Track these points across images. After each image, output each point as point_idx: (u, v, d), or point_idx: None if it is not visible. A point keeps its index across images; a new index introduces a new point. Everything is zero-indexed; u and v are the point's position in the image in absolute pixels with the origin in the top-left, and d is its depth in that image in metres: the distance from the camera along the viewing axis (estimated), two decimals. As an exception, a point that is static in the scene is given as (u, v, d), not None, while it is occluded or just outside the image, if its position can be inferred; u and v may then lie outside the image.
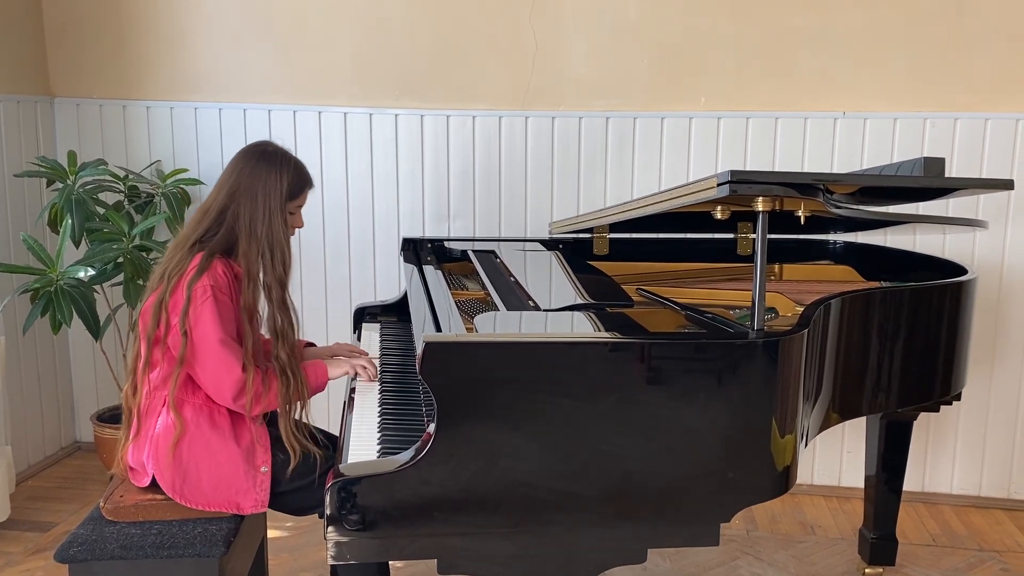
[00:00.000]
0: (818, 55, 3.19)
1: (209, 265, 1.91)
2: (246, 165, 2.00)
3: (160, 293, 1.92)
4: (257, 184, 1.98)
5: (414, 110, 3.38)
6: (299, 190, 2.04)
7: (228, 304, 1.93)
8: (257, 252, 1.96)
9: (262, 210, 1.96)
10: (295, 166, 2.04)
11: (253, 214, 1.96)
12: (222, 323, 1.89)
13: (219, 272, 1.92)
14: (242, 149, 2.06)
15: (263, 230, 1.96)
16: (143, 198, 3.33)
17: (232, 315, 1.93)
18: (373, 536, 1.57)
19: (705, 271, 2.81)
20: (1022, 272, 3.18)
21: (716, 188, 1.71)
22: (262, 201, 1.97)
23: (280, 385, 1.93)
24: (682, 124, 3.27)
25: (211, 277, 1.90)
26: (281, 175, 1.99)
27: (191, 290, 1.88)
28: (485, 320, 1.89)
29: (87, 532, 1.89)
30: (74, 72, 3.55)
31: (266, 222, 1.96)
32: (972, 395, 3.22)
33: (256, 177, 1.98)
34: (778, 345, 1.65)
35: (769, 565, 2.84)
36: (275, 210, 1.97)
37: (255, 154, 2.02)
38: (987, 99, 3.13)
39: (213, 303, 1.88)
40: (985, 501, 3.33)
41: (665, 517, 1.65)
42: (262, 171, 1.99)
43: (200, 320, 1.88)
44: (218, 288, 1.90)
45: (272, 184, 1.98)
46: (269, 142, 2.07)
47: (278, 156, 2.02)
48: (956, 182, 2.27)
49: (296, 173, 2.03)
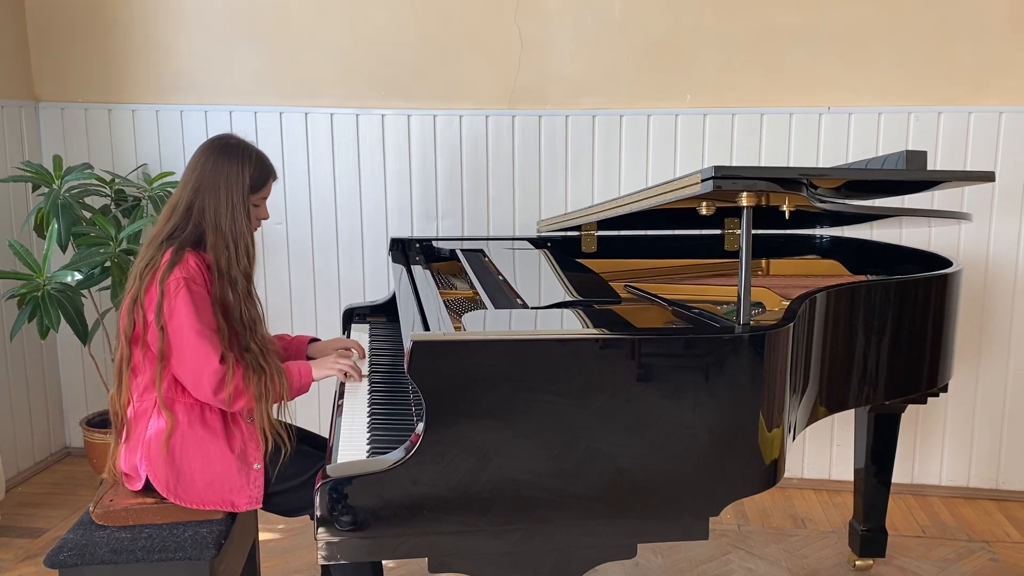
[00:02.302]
0: (803, 51, 3.20)
1: (180, 258, 1.91)
2: (208, 159, 1.99)
3: (134, 292, 1.92)
4: (219, 177, 1.97)
5: (401, 110, 3.38)
6: (262, 182, 2.03)
7: (203, 295, 1.92)
8: (223, 245, 1.95)
9: (225, 203, 1.96)
10: (257, 158, 2.03)
11: (217, 208, 1.96)
12: (197, 313, 1.88)
13: (191, 264, 1.92)
14: (204, 143, 2.04)
15: (227, 223, 1.96)
16: (130, 202, 3.31)
17: (208, 305, 1.93)
18: (364, 536, 1.58)
19: (692, 267, 2.82)
20: (1006, 264, 3.21)
21: (700, 184, 1.71)
22: (225, 194, 1.96)
23: (253, 375, 1.92)
24: (668, 121, 3.28)
25: (183, 269, 1.90)
26: (243, 168, 1.99)
27: (164, 284, 1.88)
28: (474, 318, 1.89)
29: (77, 537, 1.89)
30: (58, 76, 3.54)
31: (229, 215, 1.96)
32: (959, 387, 3.25)
33: (218, 171, 1.97)
34: (764, 339, 1.66)
35: (761, 559, 2.85)
36: (238, 203, 1.97)
37: (217, 147, 2.01)
38: (970, 93, 3.15)
39: (187, 293, 1.88)
40: (973, 492, 3.35)
41: (654, 512, 1.66)
42: (224, 164, 1.98)
43: (175, 312, 1.87)
44: (191, 279, 1.90)
45: (234, 177, 1.97)
46: (231, 135, 2.06)
47: (240, 148, 2.01)
48: (938, 175, 2.29)
49: (258, 165, 2.02)
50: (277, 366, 1.99)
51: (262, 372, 1.94)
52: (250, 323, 1.98)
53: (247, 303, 1.99)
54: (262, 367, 1.94)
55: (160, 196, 3.25)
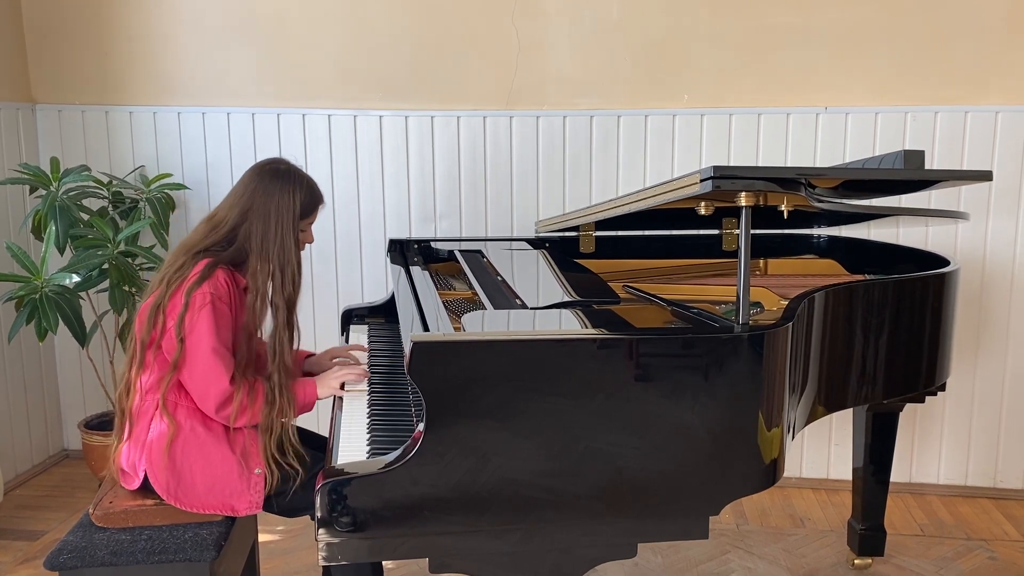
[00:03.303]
0: (800, 51, 3.21)
1: (211, 273, 1.91)
2: (259, 184, 1.99)
3: (158, 296, 1.92)
4: (270, 203, 1.97)
5: (398, 111, 3.38)
6: (311, 208, 2.05)
7: (226, 313, 1.92)
8: (268, 272, 1.96)
9: (274, 229, 1.96)
10: (308, 185, 2.04)
11: (265, 233, 1.96)
12: (217, 332, 1.89)
13: (220, 281, 1.92)
14: (254, 166, 2.05)
15: (275, 249, 1.96)
16: (127, 204, 3.31)
17: (229, 325, 1.93)
18: (364, 537, 1.58)
19: (691, 267, 2.83)
20: (1003, 262, 3.22)
21: (699, 184, 1.72)
22: (275, 220, 1.96)
23: (266, 406, 1.92)
24: (666, 121, 3.29)
25: (212, 285, 1.90)
26: (294, 194, 1.99)
27: (190, 296, 1.88)
28: (473, 319, 1.89)
29: (77, 539, 1.89)
30: (55, 78, 3.53)
31: (278, 242, 1.96)
32: (957, 385, 3.25)
33: (269, 196, 1.97)
34: (763, 339, 1.66)
35: (760, 558, 2.86)
36: (287, 230, 1.97)
37: (268, 172, 2.01)
38: (967, 92, 3.16)
39: (211, 311, 1.88)
40: (972, 490, 3.36)
41: (654, 511, 1.66)
42: (275, 190, 1.98)
43: (196, 327, 1.88)
44: (217, 296, 1.90)
45: (285, 203, 1.97)
46: (282, 159, 2.07)
47: (291, 174, 2.02)
48: (935, 174, 2.29)
49: (308, 192, 2.03)
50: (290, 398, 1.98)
51: (274, 405, 1.93)
52: (280, 351, 1.97)
53: (284, 330, 1.98)
54: (276, 399, 1.94)
55: (158, 198, 3.25)
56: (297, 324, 2.03)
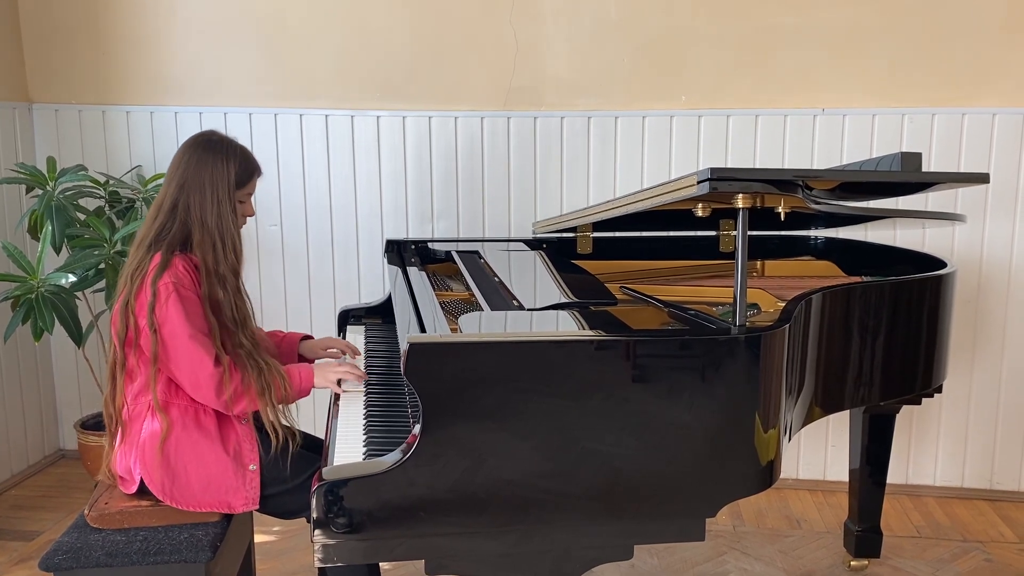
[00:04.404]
0: (797, 52, 3.21)
1: (169, 262, 1.91)
2: (192, 156, 1.99)
3: (125, 295, 1.92)
4: (204, 174, 1.97)
5: (396, 111, 3.38)
6: (247, 178, 2.03)
7: (193, 299, 1.92)
8: (210, 243, 1.95)
9: (211, 200, 1.96)
10: (241, 154, 2.02)
11: (203, 204, 1.96)
12: (189, 318, 1.88)
13: (180, 268, 1.92)
14: (187, 140, 2.04)
15: (213, 220, 1.95)
16: (124, 203, 3.30)
17: (199, 309, 1.92)
18: (360, 538, 1.57)
19: (688, 268, 2.83)
20: (1000, 265, 3.22)
21: (697, 186, 1.72)
22: (210, 191, 1.96)
23: (252, 373, 1.92)
24: (663, 122, 3.29)
25: (172, 275, 1.90)
26: (228, 164, 1.98)
27: (155, 288, 1.88)
28: (470, 320, 1.89)
29: (72, 540, 1.88)
30: (52, 78, 3.52)
31: (215, 212, 1.96)
32: (953, 387, 3.25)
33: (202, 167, 1.97)
34: (760, 340, 1.66)
35: (756, 560, 2.86)
36: (223, 199, 1.97)
37: (200, 144, 2.01)
38: (964, 94, 3.16)
39: (178, 299, 1.88)
40: (968, 492, 3.36)
41: (651, 513, 1.66)
42: (208, 161, 1.98)
43: (168, 318, 1.87)
44: (180, 284, 1.90)
45: (219, 173, 1.97)
46: (214, 131, 2.06)
47: (223, 145, 2.01)
48: (933, 176, 2.30)
49: (243, 160, 2.02)
50: (276, 365, 1.99)
51: (259, 368, 1.93)
52: (241, 319, 1.98)
53: (237, 300, 1.99)
54: (257, 363, 1.94)
55: (154, 198, 3.24)
56: (246, 292, 2.03)
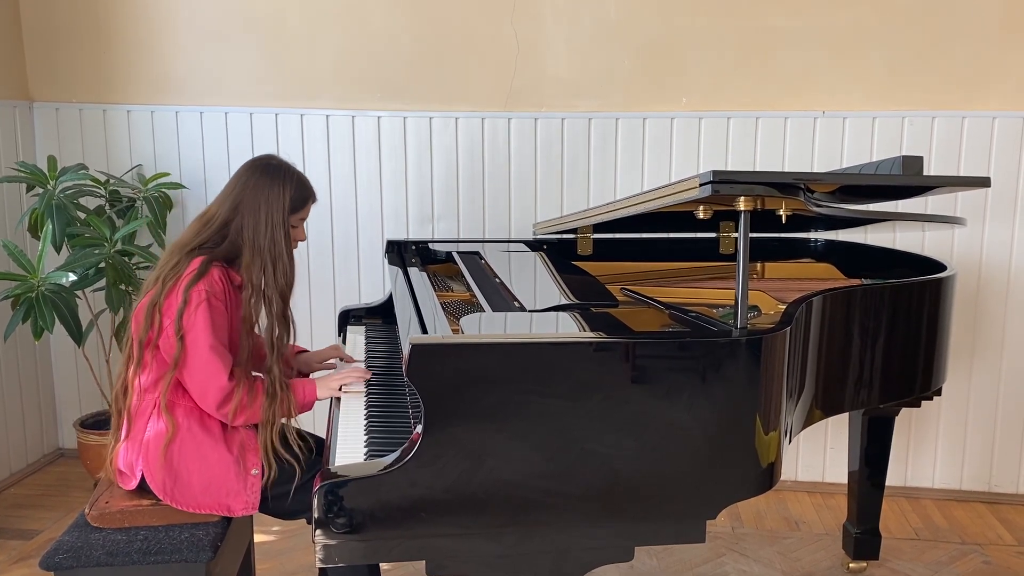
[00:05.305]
0: (798, 55, 3.21)
1: (207, 271, 1.92)
2: (250, 178, 2.02)
3: (154, 295, 1.93)
4: (260, 197, 2.00)
5: (396, 112, 3.38)
6: (302, 203, 2.07)
7: (222, 311, 1.94)
8: (260, 265, 1.98)
9: (265, 223, 1.99)
10: (298, 179, 2.06)
11: (256, 227, 1.98)
12: (214, 329, 1.90)
13: (215, 278, 1.93)
14: (246, 162, 2.08)
15: (266, 243, 1.98)
16: (124, 203, 3.31)
17: (225, 322, 1.95)
18: (361, 539, 1.58)
19: (688, 270, 2.83)
20: (999, 268, 3.22)
21: (699, 188, 1.72)
22: (265, 214, 1.99)
23: (266, 400, 1.93)
24: (664, 124, 3.29)
25: (207, 283, 1.91)
26: (284, 188, 2.02)
27: (187, 294, 1.89)
28: (471, 321, 1.90)
29: (72, 539, 1.88)
30: (53, 76, 3.52)
31: (268, 235, 1.99)
32: (952, 390, 3.26)
33: (259, 190, 2.00)
34: (761, 343, 1.67)
35: (755, 561, 2.86)
36: (278, 223, 2.00)
37: (259, 167, 2.05)
38: (964, 97, 3.16)
39: (207, 308, 1.89)
40: (966, 495, 3.37)
41: (651, 514, 1.66)
42: (265, 184, 2.01)
43: (194, 325, 1.88)
44: (213, 294, 1.91)
45: (275, 197, 2.00)
46: (273, 155, 2.11)
47: (282, 170, 2.05)
48: (933, 180, 2.30)
49: (299, 186, 2.06)
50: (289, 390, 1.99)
51: (275, 398, 1.94)
52: (278, 344, 2.00)
53: (280, 323, 2.01)
54: (276, 392, 1.95)
55: (155, 197, 3.24)
56: (292, 318, 2.06)
